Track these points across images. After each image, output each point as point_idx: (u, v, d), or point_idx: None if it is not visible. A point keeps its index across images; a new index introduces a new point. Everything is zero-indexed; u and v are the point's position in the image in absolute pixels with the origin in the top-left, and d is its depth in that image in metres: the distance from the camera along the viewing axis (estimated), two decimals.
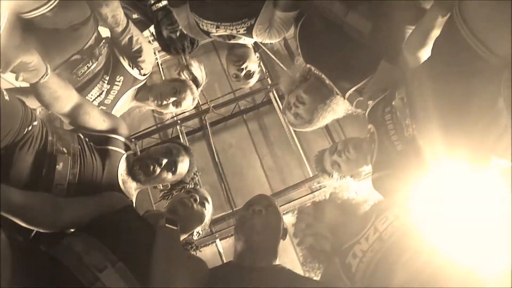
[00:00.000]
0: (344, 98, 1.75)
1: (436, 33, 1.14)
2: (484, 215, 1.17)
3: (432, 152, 1.16)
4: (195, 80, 2.07)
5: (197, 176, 2.10)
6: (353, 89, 1.70)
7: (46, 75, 1.33)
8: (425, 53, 1.22)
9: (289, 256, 1.58)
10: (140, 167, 1.75)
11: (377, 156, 1.58)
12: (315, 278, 1.54)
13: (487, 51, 0.87)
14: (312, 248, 1.51)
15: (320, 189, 3.52)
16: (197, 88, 2.09)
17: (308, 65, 1.82)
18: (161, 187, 2.00)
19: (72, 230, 1.37)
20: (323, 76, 1.76)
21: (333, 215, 1.51)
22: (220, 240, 3.70)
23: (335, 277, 1.41)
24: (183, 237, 1.72)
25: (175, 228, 1.42)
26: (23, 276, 1.07)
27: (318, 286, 1.47)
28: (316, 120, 1.83)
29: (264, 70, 4.01)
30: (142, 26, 2.12)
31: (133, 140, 3.88)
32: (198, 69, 2.10)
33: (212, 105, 3.80)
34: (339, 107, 1.82)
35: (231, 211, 3.93)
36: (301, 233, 1.56)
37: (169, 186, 1.99)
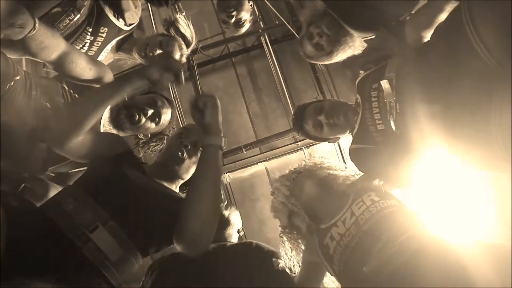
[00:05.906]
0: None
1: (443, 16, 1.09)
2: (461, 204, 1.23)
3: (413, 139, 1.19)
4: (183, 38, 1.97)
5: (174, 127, 2.11)
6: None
7: (34, 29, 1.25)
8: (428, 34, 1.18)
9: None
10: (125, 115, 1.82)
11: (358, 129, 1.61)
12: (293, 248, 1.65)
13: (488, 54, 0.84)
14: (289, 223, 1.60)
15: (304, 139, 3.59)
16: (187, 47, 1.99)
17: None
18: (141, 136, 2.05)
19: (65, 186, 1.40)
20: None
21: (311, 192, 1.55)
22: None
23: (313, 254, 1.51)
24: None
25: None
26: (16, 236, 1.12)
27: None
28: (336, 53, 1.78)
29: (257, 12, 3.81)
30: None
31: None
32: (186, 27, 1.98)
33: (200, 45, 3.66)
34: (358, 44, 1.76)
35: None
36: (278, 209, 1.64)
37: (149, 136, 2.03)
